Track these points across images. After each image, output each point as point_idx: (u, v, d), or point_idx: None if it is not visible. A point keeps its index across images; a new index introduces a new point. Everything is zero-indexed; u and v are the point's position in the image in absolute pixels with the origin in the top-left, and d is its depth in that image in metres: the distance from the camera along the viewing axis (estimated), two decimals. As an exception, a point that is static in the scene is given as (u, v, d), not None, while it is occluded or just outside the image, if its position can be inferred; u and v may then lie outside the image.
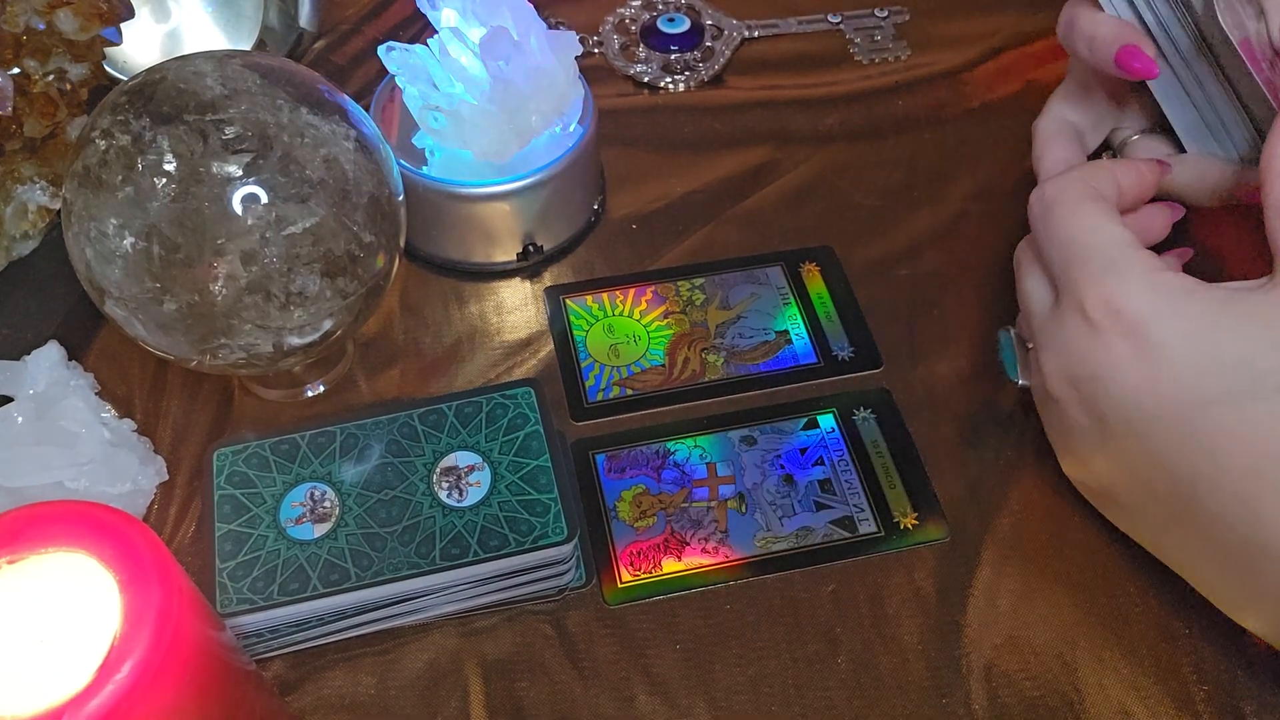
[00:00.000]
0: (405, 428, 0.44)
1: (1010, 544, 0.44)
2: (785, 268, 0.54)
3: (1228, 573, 0.37)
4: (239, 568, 0.40)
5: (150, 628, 0.27)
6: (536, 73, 0.49)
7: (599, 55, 0.65)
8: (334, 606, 0.40)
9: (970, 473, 0.47)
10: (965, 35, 0.65)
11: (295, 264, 0.40)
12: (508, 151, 0.50)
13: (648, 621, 0.43)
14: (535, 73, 0.49)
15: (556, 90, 0.50)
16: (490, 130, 0.49)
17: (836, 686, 0.41)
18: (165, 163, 0.38)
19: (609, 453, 0.47)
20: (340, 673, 0.41)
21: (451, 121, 0.49)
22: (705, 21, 0.66)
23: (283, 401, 0.49)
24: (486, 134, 0.49)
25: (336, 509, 0.42)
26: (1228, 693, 0.40)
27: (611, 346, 0.51)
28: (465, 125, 0.49)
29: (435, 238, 0.53)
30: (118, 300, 0.40)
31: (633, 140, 0.60)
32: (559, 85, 0.50)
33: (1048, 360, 0.39)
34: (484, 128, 0.49)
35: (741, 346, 0.51)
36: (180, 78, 0.40)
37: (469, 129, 0.49)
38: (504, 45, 0.47)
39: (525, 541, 0.41)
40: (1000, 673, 0.41)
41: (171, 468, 0.47)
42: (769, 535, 0.45)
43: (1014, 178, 0.57)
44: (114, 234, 0.39)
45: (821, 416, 0.48)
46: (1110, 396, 0.37)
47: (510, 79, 0.48)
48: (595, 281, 0.54)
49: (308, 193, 0.40)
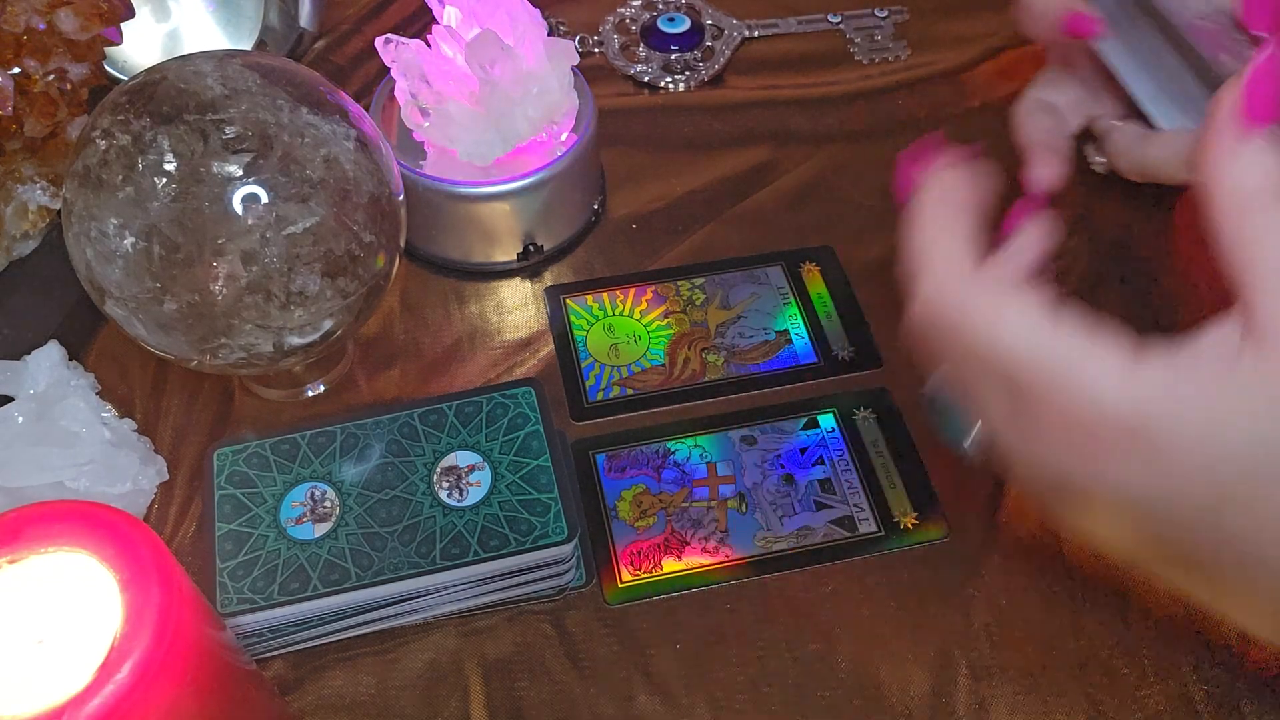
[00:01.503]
0: (405, 427, 0.44)
1: (1010, 544, 0.44)
2: (785, 268, 0.54)
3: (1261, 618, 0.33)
4: (239, 567, 0.40)
5: (150, 628, 0.27)
6: (527, 78, 0.49)
7: (599, 55, 0.65)
8: (334, 606, 0.40)
9: (970, 473, 0.47)
10: (965, 35, 0.65)
11: (295, 264, 0.40)
12: (491, 154, 0.50)
13: (648, 621, 0.43)
14: (526, 78, 0.49)
15: (548, 97, 0.50)
16: (476, 131, 0.49)
17: (836, 686, 0.41)
18: (165, 162, 0.38)
19: (609, 452, 0.47)
20: (340, 673, 0.41)
21: (439, 119, 0.49)
22: (705, 21, 0.66)
23: (283, 401, 0.49)
24: (471, 134, 0.49)
25: (337, 509, 0.42)
26: (1228, 693, 0.40)
27: (612, 346, 0.51)
28: (452, 124, 0.49)
29: (435, 238, 0.53)
30: (118, 300, 0.40)
31: (633, 140, 0.60)
32: (551, 93, 0.50)
33: (1016, 465, 0.33)
34: (470, 128, 0.49)
35: (741, 346, 0.51)
36: (180, 78, 0.40)
37: (455, 128, 0.49)
38: (490, 49, 0.47)
39: (525, 541, 0.41)
40: (1000, 673, 0.41)
41: (172, 468, 0.47)
42: (769, 535, 0.45)
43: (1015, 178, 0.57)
44: (114, 234, 0.39)
45: (821, 416, 0.48)
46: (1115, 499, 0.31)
47: (498, 82, 0.48)
48: (595, 281, 0.54)
49: (308, 192, 0.40)
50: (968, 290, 0.32)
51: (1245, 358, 0.28)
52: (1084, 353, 0.30)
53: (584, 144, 0.52)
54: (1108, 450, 0.30)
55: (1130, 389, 0.29)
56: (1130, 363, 0.30)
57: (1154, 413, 0.29)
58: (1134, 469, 0.30)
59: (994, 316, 0.31)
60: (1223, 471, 0.29)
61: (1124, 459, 0.30)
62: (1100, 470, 0.30)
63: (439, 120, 0.49)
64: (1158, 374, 0.29)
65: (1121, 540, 0.33)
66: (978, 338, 0.32)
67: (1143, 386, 0.29)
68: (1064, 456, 0.31)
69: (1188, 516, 0.30)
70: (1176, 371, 0.29)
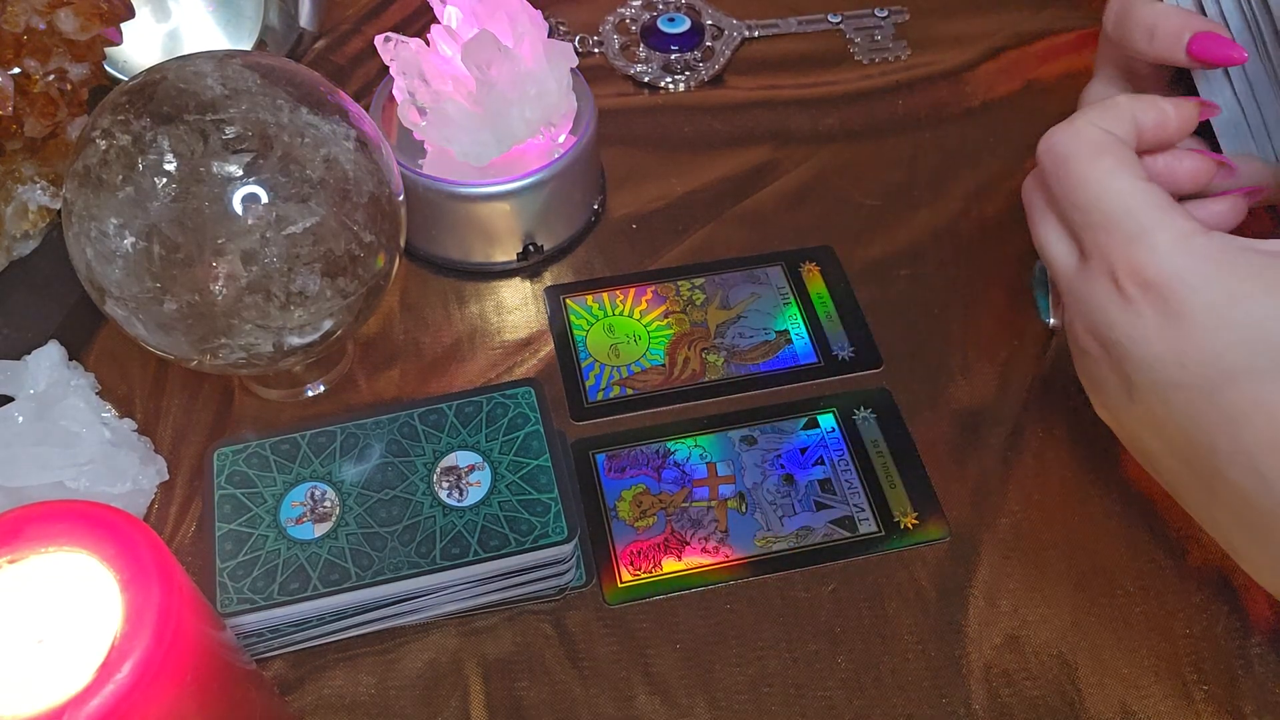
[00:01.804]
0: (405, 427, 0.44)
1: (1010, 544, 0.44)
2: (785, 267, 0.54)
3: (1251, 539, 0.36)
4: (239, 567, 0.40)
5: (151, 628, 0.27)
6: (525, 79, 0.49)
7: (599, 55, 0.65)
8: (334, 606, 0.40)
9: (970, 472, 0.47)
10: (965, 35, 0.65)
11: (295, 264, 0.40)
12: (487, 155, 0.49)
13: (648, 621, 0.43)
14: (523, 79, 0.49)
15: (546, 100, 0.50)
16: (472, 132, 0.49)
17: (836, 686, 0.41)
18: (165, 162, 0.38)
19: (609, 452, 0.47)
20: (340, 673, 0.41)
21: (437, 118, 0.49)
22: (705, 21, 0.66)
23: (283, 401, 0.49)
24: (468, 134, 0.49)
25: (337, 509, 0.42)
26: (1228, 693, 0.40)
27: (612, 346, 0.51)
28: (449, 124, 0.49)
29: (435, 238, 0.53)
30: (118, 300, 0.40)
31: (633, 140, 0.60)
32: (549, 95, 0.50)
33: (1074, 317, 0.39)
34: (466, 128, 0.49)
35: (742, 346, 0.51)
36: (180, 78, 0.40)
37: (452, 128, 0.49)
38: (487, 50, 0.47)
39: (525, 541, 0.41)
40: (1000, 672, 0.41)
41: (172, 467, 0.47)
42: (769, 535, 0.45)
43: (1015, 177, 0.58)
44: (114, 234, 0.39)
45: (821, 416, 0.48)
46: (1136, 361, 0.36)
47: (495, 83, 0.48)
48: (595, 281, 0.54)
49: (308, 192, 0.40)
50: (1078, 129, 0.38)
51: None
52: (1157, 210, 0.36)
53: (584, 144, 0.52)
54: (1145, 311, 0.35)
55: (1180, 252, 0.35)
56: (1190, 234, 0.35)
57: (1191, 281, 0.35)
58: (1153, 326, 0.35)
59: (1096, 159, 0.37)
60: (1232, 357, 0.34)
61: (1151, 314, 0.35)
62: (1132, 329, 0.36)
63: (436, 119, 0.49)
64: (1209, 250, 0.35)
65: (1139, 433, 0.38)
66: (1074, 175, 0.38)
67: (1192, 258, 0.35)
68: (1110, 313, 0.36)
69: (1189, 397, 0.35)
70: (1223, 253, 0.35)
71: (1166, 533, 0.44)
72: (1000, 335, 0.51)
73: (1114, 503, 0.45)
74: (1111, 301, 0.37)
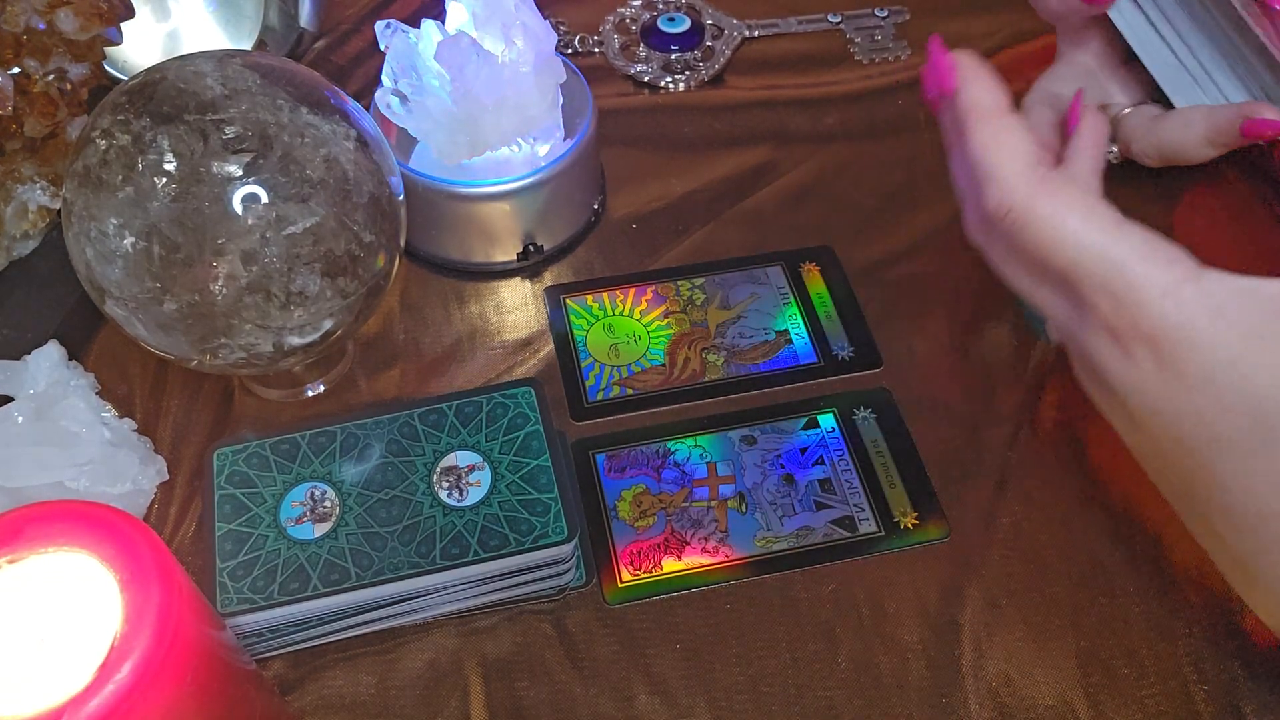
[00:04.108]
0: (405, 427, 0.44)
1: (1010, 544, 0.44)
2: (785, 268, 0.54)
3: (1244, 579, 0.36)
4: (239, 567, 0.40)
5: (150, 628, 0.27)
6: (504, 87, 0.48)
7: (599, 55, 0.65)
8: (334, 606, 0.40)
9: (970, 473, 0.47)
10: (965, 35, 0.65)
11: (295, 264, 0.40)
12: (458, 156, 0.49)
13: (648, 621, 0.43)
14: (503, 87, 0.48)
15: (524, 112, 0.49)
16: (447, 130, 0.49)
17: (836, 686, 0.41)
18: (165, 162, 0.38)
19: (609, 452, 0.47)
20: (340, 673, 0.41)
21: (418, 110, 0.49)
22: (705, 21, 0.66)
23: (283, 401, 0.49)
24: (443, 131, 0.49)
25: (337, 509, 0.42)
26: (1228, 693, 0.40)
27: (612, 346, 0.51)
28: (428, 118, 0.49)
29: (435, 238, 0.53)
30: (118, 300, 0.40)
31: (633, 140, 0.60)
32: (529, 108, 0.49)
33: (1074, 360, 0.38)
34: (442, 125, 0.49)
35: (741, 346, 0.51)
36: (180, 78, 0.40)
37: (429, 122, 0.49)
38: (458, 53, 0.47)
39: (525, 541, 0.41)
40: (1000, 672, 0.41)
41: (172, 467, 0.47)
42: (769, 535, 0.45)
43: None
44: (114, 234, 0.39)
45: (821, 416, 0.48)
46: (1134, 407, 0.35)
47: (470, 87, 0.47)
48: (595, 281, 0.54)
49: (308, 192, 0.40)
50: (1035, 190, 0.35)
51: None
52: (1141, 262, 0.34)
53: (584, 144, 0.52)
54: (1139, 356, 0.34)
55: (1174, 307, 0.33)
56: (1182, 279, 0.33)
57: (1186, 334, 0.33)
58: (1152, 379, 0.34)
59: (1061, 217, 0.35)
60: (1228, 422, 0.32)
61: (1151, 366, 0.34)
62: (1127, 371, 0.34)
63: (417, 111, 0.49)
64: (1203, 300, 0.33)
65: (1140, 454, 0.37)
66: (1041, 236, 0.35)
67: (1185, 307, 0.33)
68: (1109, 366, 0.35)
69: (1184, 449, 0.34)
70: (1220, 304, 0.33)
71: (1166, 533, 0.44)
72: (1000, 335, 0.51)
73: (1114, 503, 0.45)
74: (1111, 355, 0.35)
